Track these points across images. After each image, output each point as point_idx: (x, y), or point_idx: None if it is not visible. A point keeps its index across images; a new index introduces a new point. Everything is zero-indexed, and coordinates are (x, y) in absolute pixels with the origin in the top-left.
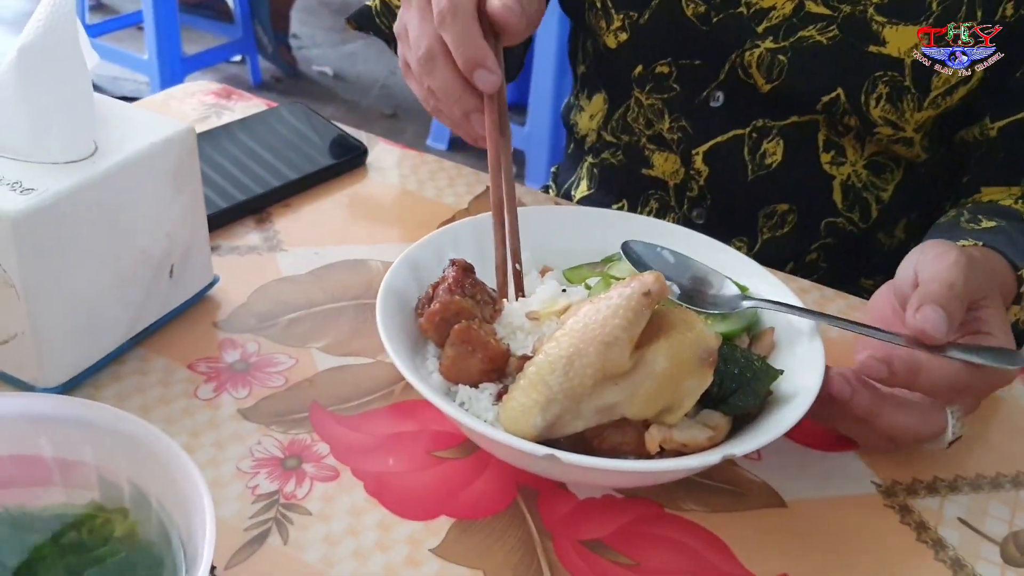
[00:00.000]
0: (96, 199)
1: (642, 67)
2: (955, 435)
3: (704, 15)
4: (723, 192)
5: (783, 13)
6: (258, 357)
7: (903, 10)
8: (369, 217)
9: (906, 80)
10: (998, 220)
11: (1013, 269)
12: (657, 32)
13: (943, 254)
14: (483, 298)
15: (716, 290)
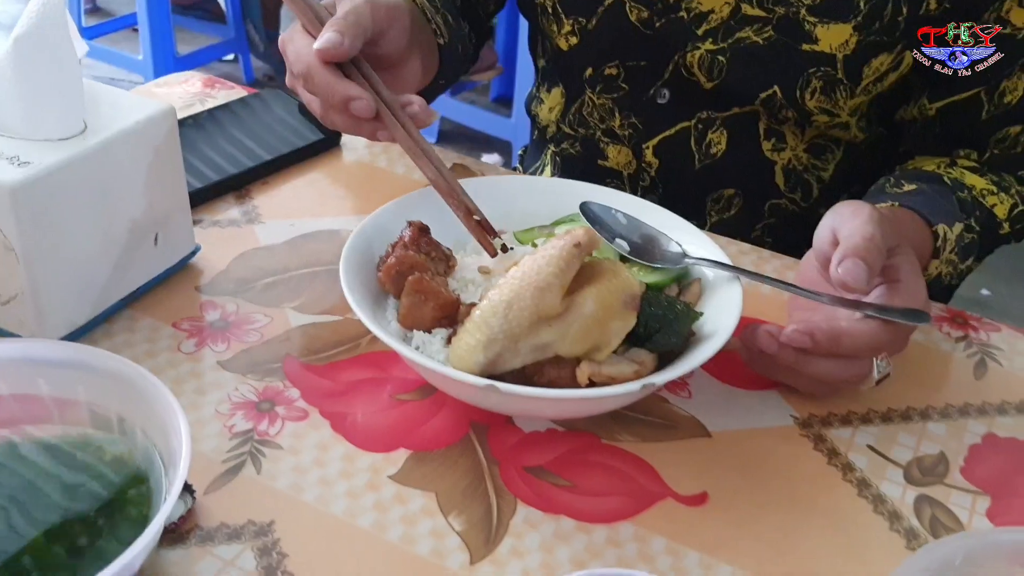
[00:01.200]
0: (86, 172)
1: (592, 69)
2: (882, 373)
3: (647, 20)
4: (673, 181)
5: (721, 16)
6: (236, 316)
7: (833, 10)
8: (342, 193)
9: (838, 73)
10: (919, 184)
11: (928, 225)
12: (604, 36)
13: (857, 210)
14: (437, 255)
15: (663, 248)
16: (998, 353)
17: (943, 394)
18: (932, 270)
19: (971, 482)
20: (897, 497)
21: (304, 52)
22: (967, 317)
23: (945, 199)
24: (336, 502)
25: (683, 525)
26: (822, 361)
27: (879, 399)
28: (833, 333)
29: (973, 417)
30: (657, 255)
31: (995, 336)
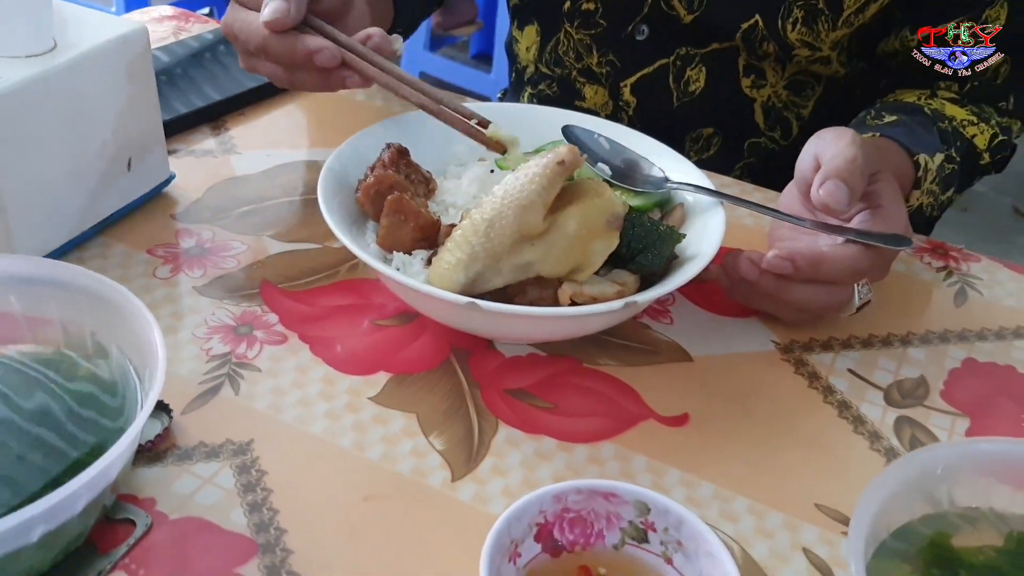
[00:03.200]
0: (56, 89)
1: (570, 3)
2: (863, 299)
3: None
4: (652, 120)
5: None
6: (212, 244)
7: None
8: (320, 124)
9: (820, 3)
10: (900, 115)
11: (909, 156)
12: None
13: (840, 135)
14: (417, 177)
15: (645, 172)
16: (978, 283)
17: (924, 321)
18: (914, 200)
19: (951, 404)
20: (877, 418)
21: (254, 27)
22: (948, 248)
23: (926, 130)
24: (315, 423)
25: (664, 444)
26: (803, 287)
27: (860, 326)
28: (814, 258)
29: (953, 343)
30: (639, 179)
31: (975, 266)
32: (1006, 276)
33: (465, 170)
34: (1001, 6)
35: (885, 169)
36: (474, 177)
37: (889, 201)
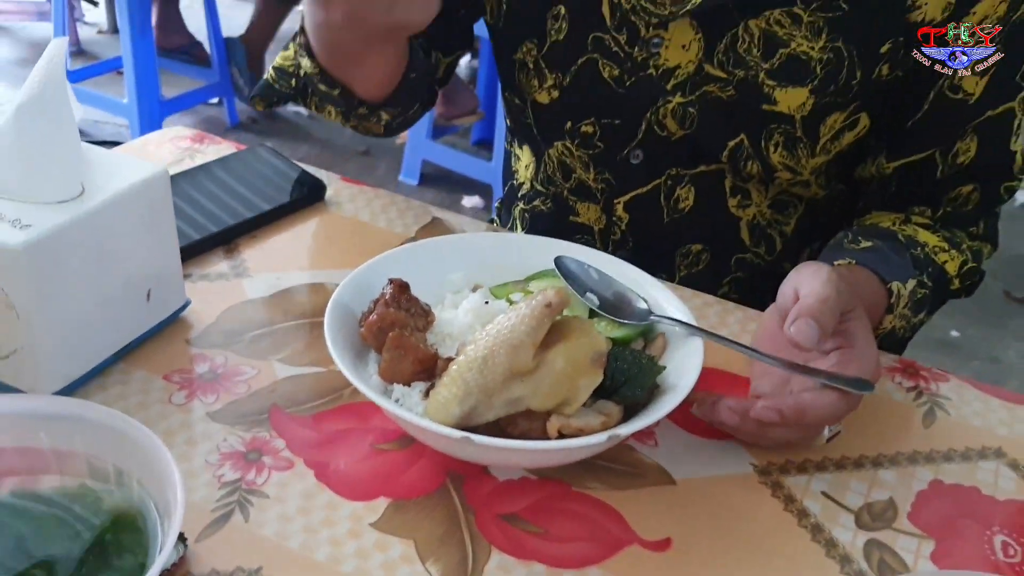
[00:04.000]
0: (84, 233)
1: (571, 123)
2: (832, 432)
3: (619, 77)
4: (643, 235)
5: (687, 71)
6: (225, 368)
7: (790, 75)
8: (327, 246)
9: (797, 131)
10: (875, 240)
11: (883, 283)
12: (581, 92)
13: (817, 271)
14: (416, 311)
15: (631, 305)
16: (946, 402)
17: (894, 442)
18: (887, 324)
19: (917, 526)
20: (848, 541)
21: None
22: (918, 368)
23: (900, 256)
24: (320, 549)
25: (648, 570)
26: (779, 429)
27: (835, 447)
28: (799, 408)
29: (921, 464)
30: (626, 312)
31: (944, 386)
32: (973, 396)
33: (461, 298)
34: (971, 139)
35: (858, 306)
36: (469, 307)
37: (861, 342)
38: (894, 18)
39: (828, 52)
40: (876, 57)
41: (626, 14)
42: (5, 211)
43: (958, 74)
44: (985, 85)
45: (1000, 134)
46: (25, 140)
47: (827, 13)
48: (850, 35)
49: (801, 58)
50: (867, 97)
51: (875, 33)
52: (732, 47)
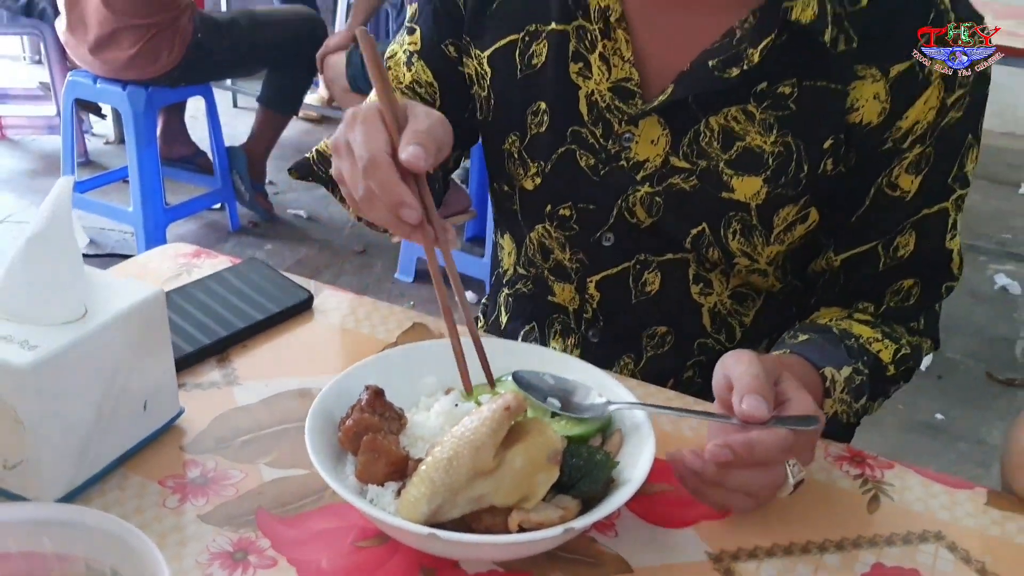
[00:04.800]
0: (86, 352)
1: (551, 206)
2: (796, 478)
3: (594, 166)
4: (613, 314)
5: (655, 164)
6: (215, 472)
7: (746, 165)
8: (313, 353)
9: (753, 220)
10: (811, 334)
11: (816, 369)
12: (560, 179)
13: (738, 357)
14: (390, 415)
15: (588, 401)
16: (890, 488)
17: (840, 528)
18: (828, 408)
19: None
20: None
21: (376, 141)
22: (864, 456)
23: (833, 346)
24: None
25: None
26: (742, 472)
27: (783, 533)
28: (747, 442)
29: (864, 548)
30: (584, 408)
31: (888, 473)
32: (915, 481)
33: (434, 401)
34: (909, 234)
35: (783, 371)
36: (440, 410)
37: (794, 392)
38: (835, 118)
39: (779, 146)
40: (821, 152)
41: (601, 111)
42: (14, 333)
43: (895, 172)
44: (919, 184)
45: (936, 231)
46: (33, 269)
47: (777, 111)
48: (797, 131)
49: (755, 151)
50: (815, 191)
51: (819, 131)
52: (695, 140)
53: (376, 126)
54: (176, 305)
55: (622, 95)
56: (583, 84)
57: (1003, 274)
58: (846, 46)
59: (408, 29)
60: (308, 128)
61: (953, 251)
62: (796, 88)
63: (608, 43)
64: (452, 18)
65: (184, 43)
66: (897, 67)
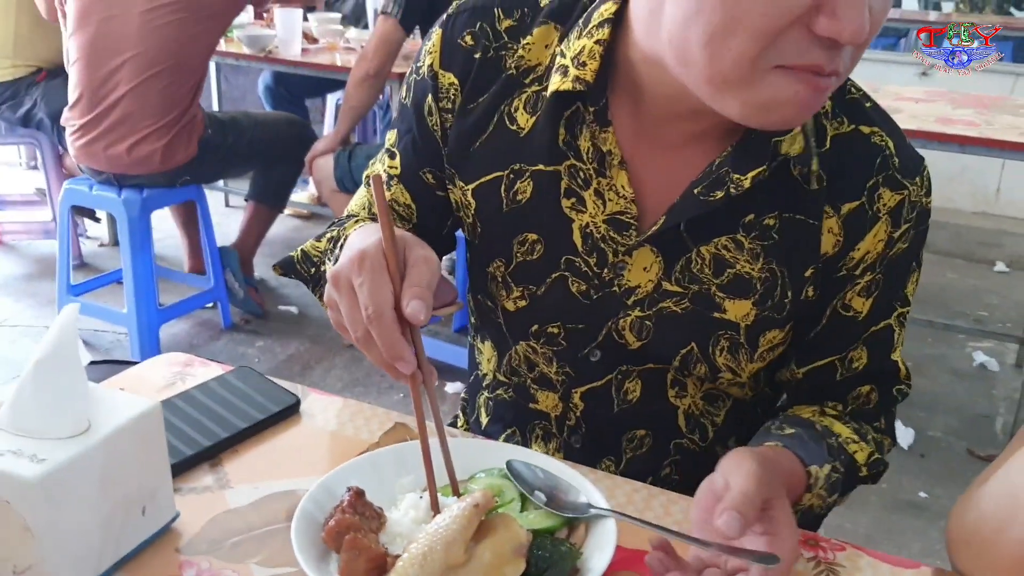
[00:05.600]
0: (90, 463)
1: (537, 326)
2: None
3: (586, 292)
4: (595, 421)
5: (647, 290)
6: (209, 573)
7: (737, 289)
8: (300, 455)
9: (741, 338)
10: (797, 428)
11: (803, 465)
12: (550, 303)
13: (740, 463)
14: (370, 514)
15: (572, 499)
16: (842, 570)
17: None
18: (805, 501)
19: None
20: None
21: (382, 295)
22: (819, 539)
23: (817, 444)
24: None
25: None
26: None
27: None
28: None
29: None
30: (568, 506)
31: (840, 555)
32: (866, 563)
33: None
34: (861, 349)
35: (779, 493)
36: (410, 506)
37: (784, 529)
38: (811, 249)
39: (765, 272)
40: (803, 280)
41: (596, 242)
42: (24, 447)
43: (847, 295)
44: (870, 306)
45: (884, 345)
46: (41, 389)
47: (763, 241)
48: (781, 260)
49: (745, 276)
50: (798, 315)
51: (799, 260)
52: (687, 267)
53: (382, 278)
54: (171, 412)
55: (617, 227)
56: (576, 217)
57: (981, 351)
58: (818, 184)
59: (389, 153)
60: (297, 225)
61: (898, 362)
62: (778, 220)
63: (603, 180)
64: (431, 150)
65: (197, 138)
66: (848, 205)
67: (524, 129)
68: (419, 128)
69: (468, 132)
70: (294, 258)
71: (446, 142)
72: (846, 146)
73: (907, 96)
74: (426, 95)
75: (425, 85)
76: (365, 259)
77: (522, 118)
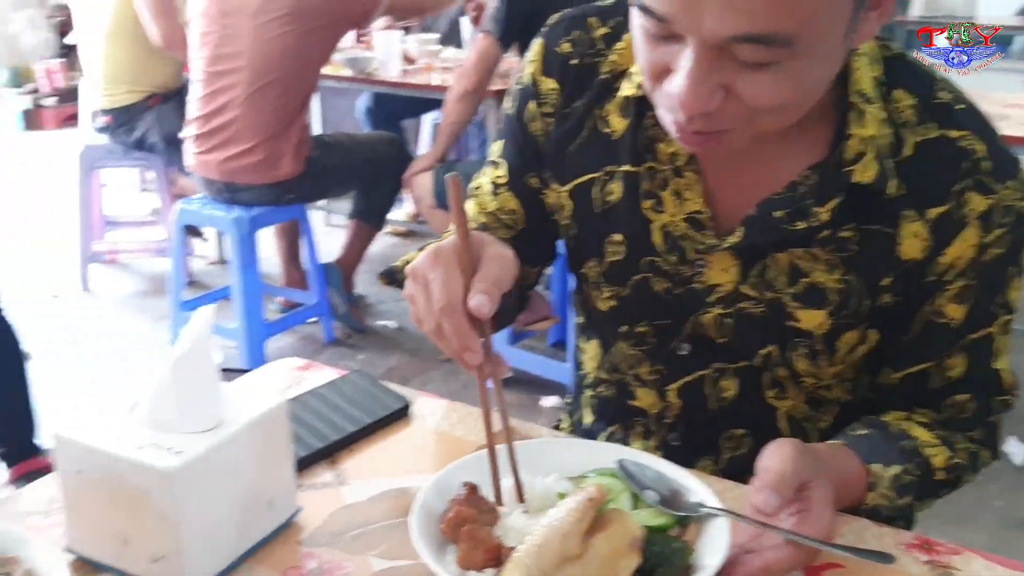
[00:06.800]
0: (221, 456)
1: (627, 326)
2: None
3: (668, 289)
4: (692, 420)
5: (727, 289)
6: (330, 564)
7: (811, 299)
8: (412, 454)
9: (818, 345)
10: (869, 429)
11: (863, 462)
12: (636, 302)
13: (779, 448)
14: (485, 508)
15: (683, 499)
16: (958, 573)
17: None
18: (869, 501)
19: None
20: None
21: (453, 288)
22: (932, 543)
23: (888, 445)
24: None
25: None
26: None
27: None
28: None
29: None
30: (680, 505)
31: (956, 559)
32: (981, 566)
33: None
34: (959, 357)
35: (822, 478)
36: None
37: (817, 507)
38: (889, 258)
39: (841, 283)
40: (879, 289)
41: (676, 240)
42: (163, 440)
43: (938, 302)
44: (966, 312)
45: (983, 354)
46: (179, 385)
47: (840, 253)
48: (859, 270)
49: (819, 287)
50: (875, 319)
51: (877, 270)
52: (763, 273)
53: (454, 273)
54: (293, 413)
55: (695, 225)
56: (655, 218)
57: None
58: (896, 192)
59: (493, 164)
60: (396, 242)
61: (1002, 371)
62: (856, 232)
63: (680, 180)
64: (534, 154)
65: (303, 157)
66: (935, 210)
67: (616, 132)
68: (522, 134)
69: (565, 135)
70: (396, 267)
71: (546, 145)
72: (931, 151)
73: (1015, 103)
74: (528, 101)
75: (527, 92)
76: (439, 255)
77: (615, 121)
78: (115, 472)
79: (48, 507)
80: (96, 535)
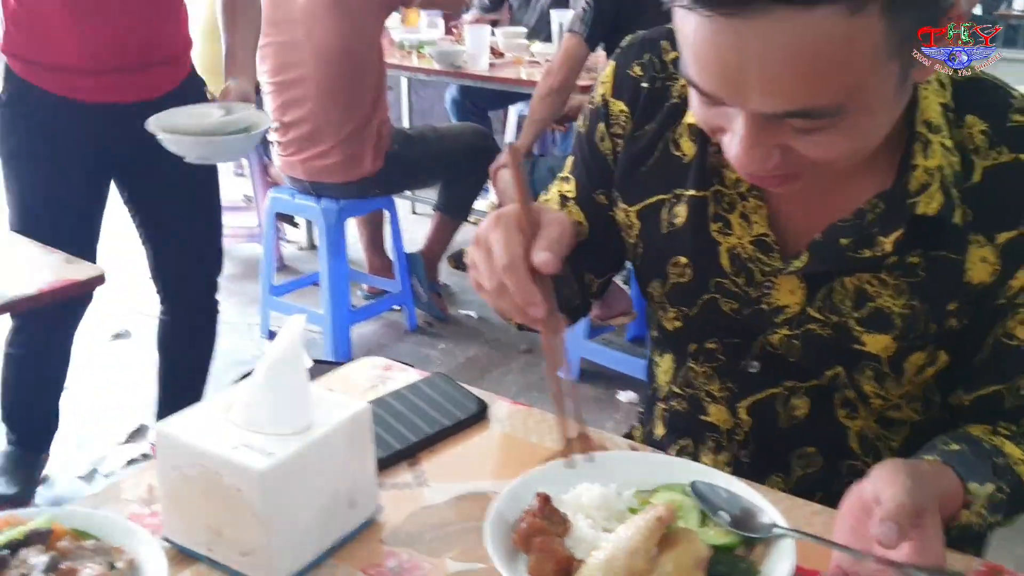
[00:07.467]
0: (309, 458)
1: (696, 345)
2: None
3: (737, 310)
4: (763, 436)
5: (794, 311)
6: (409, 563)
7: (876, 324)
8: (489, 459)
9: (885, 368)
10: (963, 444)
11: (961, 480)
12: (704, 322)
13: (894, 476)
14: (557, 519)
15: (755, 519)
16: None
17: None
18: (963, 519)
19: None
20: None
21: (514, 246)
22: (1002, 570)
23: (982, 461)
24: None
25: None
26: None
27: None
28: None
29: None
30: (751, 526)
31: None
32: None
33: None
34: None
35: (933, 506)
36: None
37: (931, 537)
38: (956, 282)
39: (907, 308)
40: (945, 313)
41: (744, 262)
42: (255, 442)
43: (1009, 324)
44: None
45: None
46: (272, 389)
47: (908, 279)
48: (925, 296)
49: (885, 311)
50: (943, 339)
51: (943, 295)
52: (829, 296)
53: (514, 232)
54: (375, 414)
55: (763, 248)
56: (723, 240)
57: None
58: (962, 220)
59: (564, 178)
60: None
61: None
62: (923, 258)
63: (747, 204)
64: (603, 173)
65: (383, 153)
66: (1005, 235)
67: (687, 156)
68: (592, 153)
69: (636, 157)
70: (464, 251)
71: (616, 165)
72: (1002, 176)
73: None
74: (598, 122)
75: (598, 113)
76: (500, 218)
77: (686, 145)
78: (210, 469)
79: (149, 495)
80: (191, 527)
